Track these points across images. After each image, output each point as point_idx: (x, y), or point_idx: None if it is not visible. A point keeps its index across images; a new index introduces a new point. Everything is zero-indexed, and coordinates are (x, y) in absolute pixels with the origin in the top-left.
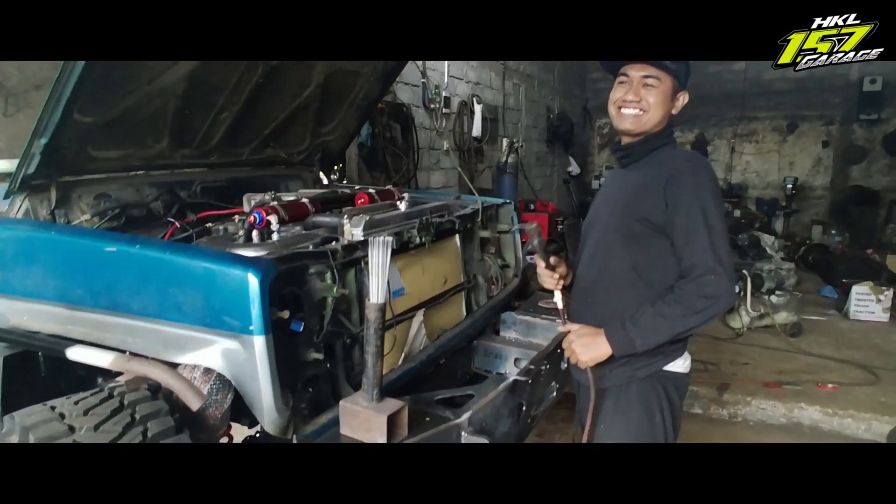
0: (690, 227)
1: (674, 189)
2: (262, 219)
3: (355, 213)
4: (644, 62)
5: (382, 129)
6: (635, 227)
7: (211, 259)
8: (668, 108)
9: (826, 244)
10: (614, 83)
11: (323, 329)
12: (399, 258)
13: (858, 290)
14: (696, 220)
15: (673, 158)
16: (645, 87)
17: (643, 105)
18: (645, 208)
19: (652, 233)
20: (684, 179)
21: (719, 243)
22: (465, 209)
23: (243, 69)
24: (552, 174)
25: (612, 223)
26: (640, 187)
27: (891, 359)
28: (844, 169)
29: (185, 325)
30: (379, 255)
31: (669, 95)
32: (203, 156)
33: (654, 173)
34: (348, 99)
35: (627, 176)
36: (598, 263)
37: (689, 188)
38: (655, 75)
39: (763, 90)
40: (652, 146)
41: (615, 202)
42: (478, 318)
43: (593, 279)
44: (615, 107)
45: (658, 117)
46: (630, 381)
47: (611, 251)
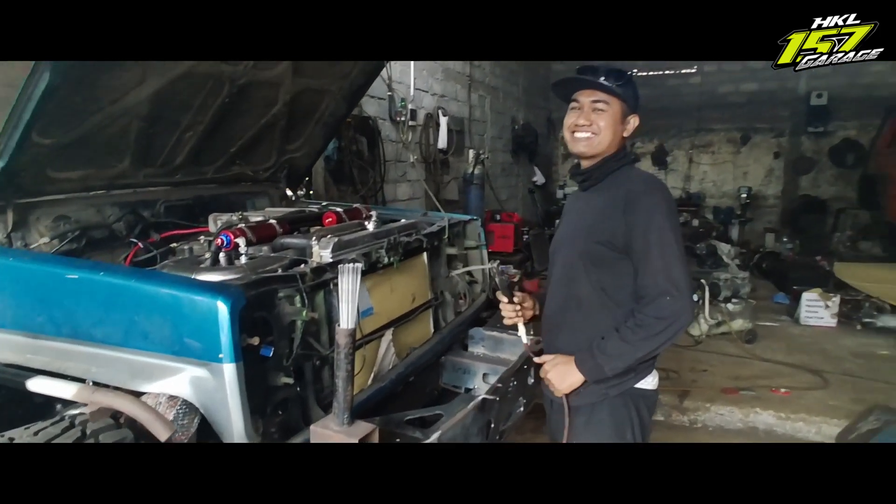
0: (646, 249)
1: (630, 211)
2: (229, 241)
3: (323, 234)
4: (592, 88)
5: (349, 142)
6: (599, 249)
7: (179, 286)
8: (618, 130)
9: (778, 252)
10: (567, 110)
11: (292, 352)
12: (368, 278)
13: (808, 297)
14: (651, 242)
15: (630, 180)
16: (595, 111)
17: (594, 128)
18: (607, 231)
19: (615, 255)
20: (640, 201)
21: (674, 264)
22: (432, 227)
23: (209, 89)
24: (517, 184)
25: (578, 247)
26: (601, 210)
27: (838, 363)
28: (794, 179)
29: (151, 353)
30: (349, 281)
31: (619, 118)
32: (167, 174)
33: (613, 195)
34: (315, 116)
35: (589, 199)
36: (566, 287)
37: (644, 210)
38: (604, 100)
39: (718, 103)
40: (610, 168)
41: (579, 226)
42: (445, 334)
43: (562, 303)
44: (569, 131)
45: (609, 139)
46: (603, 399)
47: (578, 275)
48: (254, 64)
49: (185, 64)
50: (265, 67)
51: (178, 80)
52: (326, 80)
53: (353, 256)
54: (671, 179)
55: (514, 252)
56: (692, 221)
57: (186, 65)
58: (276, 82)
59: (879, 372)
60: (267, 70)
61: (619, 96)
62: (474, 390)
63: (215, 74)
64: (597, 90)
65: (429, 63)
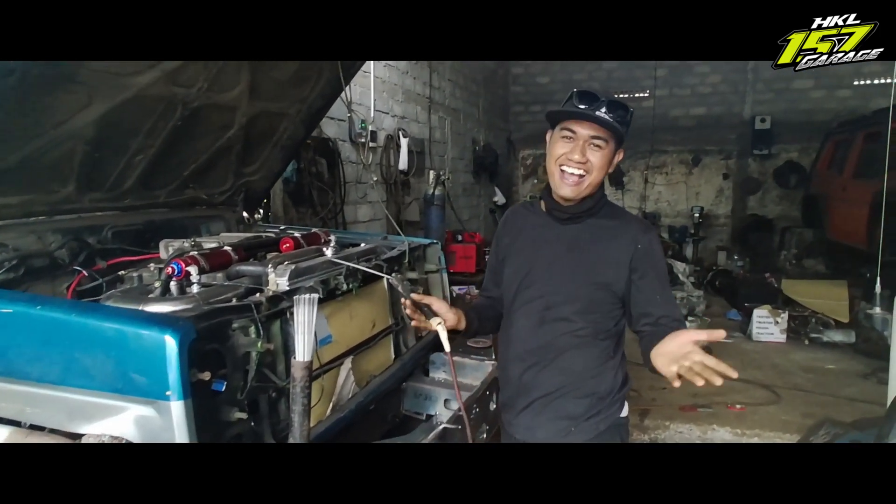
0: (660, 293)
1: (643, 262)
2: (180, 270)
3: (280, 260)
4: (595, 122)
5: (308, 164)
6: (596, 295)
7: (123, 319)
8: (608, 169)
9: (730, 269)
10: (554, 135)
11: (247, 385)
12: (326, 305)
13: (759, 313)
14: (664, 286)
15: (628, 224)
16: (591, 147)
17: (588, 167)
18: (609, 278)
19: (612, 299)
20: (653, 255)
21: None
22: (392, 251)
23: (161, 112)
24: (479, 204)
25: (566, 290)
26: (599, 250)
27: (789, 377)
28: (743, 199)
29: (92, 391)
30: (305, 312)
31: (611, 158)
32: (115, 199)
33: (610, 234)
34: (273, 139)
35: (566, 231)
36: (550, 330)
37: (657, 262)
38: (604, 137)
39: (669, 126)
40: (597, 208)
41: (563, 265)
42: (406, 360)
43: (545, 344)
44: (557, 165)
45: (598, 180)
46: (595, 435)
47: (568, 318)
48: (208, 86)
49: (134, 86)
50: (220, 90)
51: (127, 104)
52: (284, 103)
53: (311, 284)
54: (628, 199)
55: (476, 272)
56: None
57: (135, 87)
58: (231, 105)
59: (827, 386)
60: (222, 93)
61: (619, 135)
62: (436, 417)
63: (167, 97)
64: (600, 126)
65: (389, 85)
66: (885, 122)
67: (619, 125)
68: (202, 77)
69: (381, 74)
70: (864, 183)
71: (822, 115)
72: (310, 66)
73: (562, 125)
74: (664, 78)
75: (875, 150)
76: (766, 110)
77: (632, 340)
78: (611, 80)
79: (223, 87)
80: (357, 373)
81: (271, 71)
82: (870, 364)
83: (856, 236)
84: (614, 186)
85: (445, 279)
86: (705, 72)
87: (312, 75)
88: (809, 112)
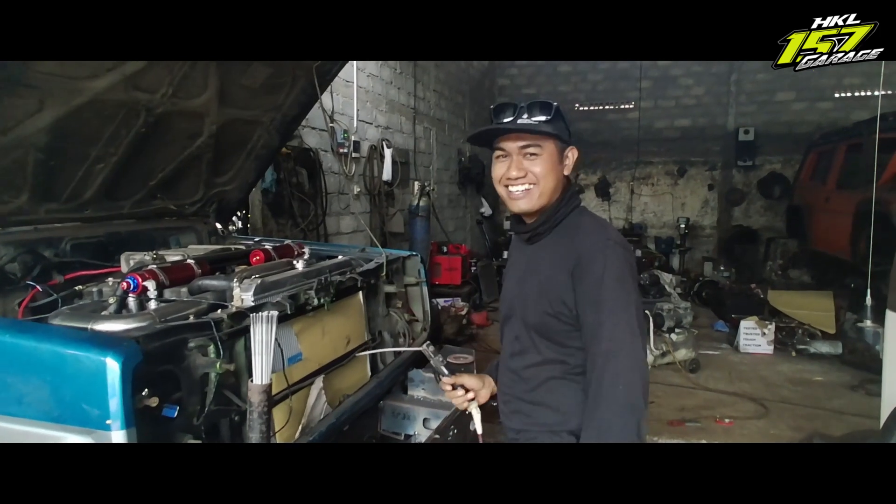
0: (590, 322)
1: (581, 278)
2: (136, 284)
3: (246, 274)
4: (518, 131)
5: (288, 174)
6: (550, 322)
7: (61, 341)
8: (558, 172)
9: (716, 280)
10: (493, 156)
11: (204, 409)
12: (297, 321)
13: (746, 325)
14: (599, 312)
15: (581, 234)
16: (527, 158)
17: (530, 178)
18: (554, 299)
19: (568, 325)
20: (590, 273)
21: (623, 349)
22: (369, 264)
23: (122, 118)
24: (465, 215)
25: (527, 317)
26: (548, 272)
27: (776, 390)
28: (728, 210)
29: (27, 420)
30: (262, 332)
31: (556, 159)
32: (74, 210)
33: (561, 254)
34: (246, 148)
35: (534, 252)
36: (518, 361)
37: (595, 281)
38: (534, 143)
39: (654, 137)
40: (557, 220)
41: (526, 288)
42: (383, 378)
43: (516, 378)
44: (501, 186)
45: (551, 186)
46: None
47: (530, 348)
48: (173, 92)
49: (90, 91)
50: (187, 96)
51: (84, 109)
52: (257, 111)
53: (279, 299)
54: (614, 210)
55: (461, 284)
56: (635, 252)
57: (92, 92)
58: (200, 112)
59: (815, 398)
60: (189, 99)
61: (550, 134)
62: (414, 437)
63: (129, 103)
64: (524, 134)
65: (373, 95)
66: (866, 133)
67: (548, 125)
68: (166, 82)
69: (364, 84)
70: (848, 193)
71: (803, 127)
72: (282, 72)
73: (494, 145)
74: (649, 89)
75: (857, 161)
76: (749, 122)
77: None
78: (595, 91)
79: (190, 93)
80: (330, 392)
81: (241, 77)
82: (857, 375)
83: (839, 247)
84: (600, 197)
85: (425, 292)
86: (689, 83)
87: (286, 82)
88: (791, 124)
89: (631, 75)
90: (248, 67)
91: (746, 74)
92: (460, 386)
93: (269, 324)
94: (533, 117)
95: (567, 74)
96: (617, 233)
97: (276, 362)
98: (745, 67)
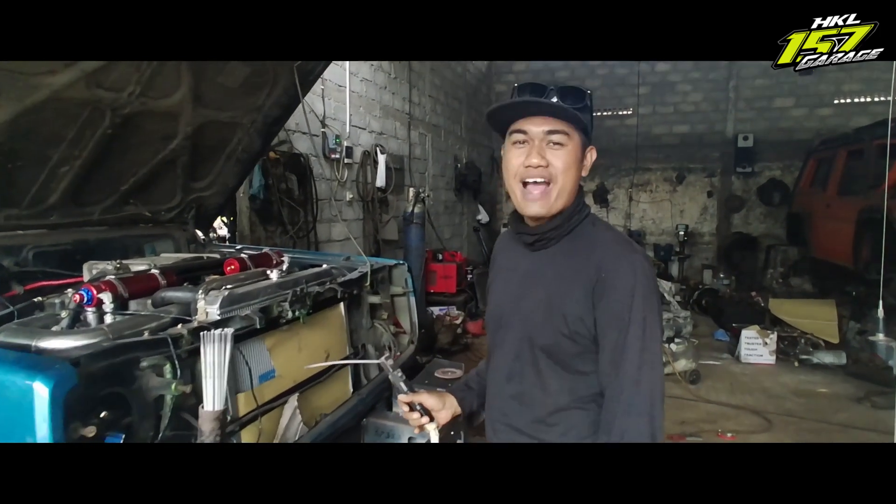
0: (613, 348)
1: (605, 295)
2: (91, 297)
3: (214, 286)
4: (547, 112)
5: (277, 180)
6: (563, 344)
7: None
8: (578, 171)
9: (716, 288)
10: (506, 145)
11: (158, 435)
12: (269, 335)
13: (747, 334)
14: (626, 338)
15: (602, 246)
16: (550, 147)
17: (550, 171)
18: (572, 318)
19: (583, 348)
20: (616, 290)
21: (652, 386)
22: (351, 273)
23: (85, 118)
24: (461, 223)
25: (534, 336)
26: (559, 287)
27: (779, 402)
28: (727, 217)
29: None
30: (215, 353)
31: (579, 155)
32: (37, 216)
33: (575, 267)
34: (225, 152)
35: (539, 262)
36: (518, 386)
37: (621, 299)
38: (563, 130)
39: (653, 143)
40: (570, 227)
41: (528, 303)
42: (366, 394)
43: (515, 406)
44: (517, 180)
45: (570, 185)
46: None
47: (538, 373)
48: (141, 91)
49: (47, 88)
50: (157, 96)
51: (41, 108)
52: (236, 113)
53: (248, 312)
54: (613, 217)
55: (457, 293)
56: None
57: (48, 89)
58: (172, 113)
59: (820, 411)
60: (160, 99)
61: (580, 124)
62: None
63: (92, 101)
64: (552, 117)
65: (366, 100)
66: (867, 139)
67: (579, 113)
68: (133, 80)
69: (357, 89)
70: (849, 200)
71: (803, 134)
72: (262, 72)
73: (511, 129)
74: (646, 96)
75: (858, 167)
76: (748, 128)
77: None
78: (594, 97)
79: (160, 92)
80: (307, 411)
81: (217, 76)
82: (862, 387)
83: (841, 254)
84: (599, 204)
85: (413, 303)
86: (687, 90)
87: (266, 82)
88: (790, 130)
89: (629, 81)
90: (224, 66)
91: (745, 80)
92: (419, 405)
93: (223, 343)
94: (565, 101)
95: (564, 80)
96: (638, 245)
97: (244, 381)
98: (743, 73)
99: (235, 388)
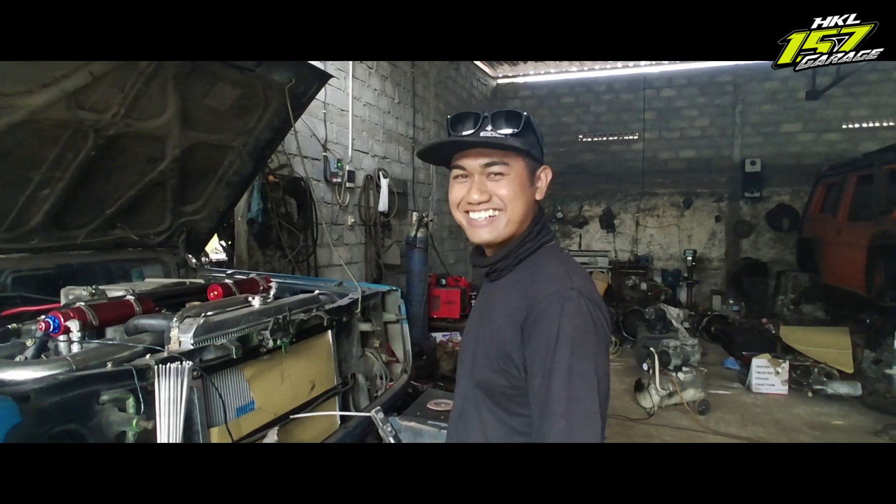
0: (539, 391)
1: (531, 336)
2: (58, 325)
3: (191, 313)
4: (481, 146)
5: (277, 204)
6: (494, 380)
7: None
8: (529, 196)
9: (725, 314)
10: (449, 179)
11: None
12: (248, 366)
13: (758, 363)
14: (550, 380)
15: (541, 280)
16: (491, 178)
17: (495, 203)
18: (502, 354)
19: (515, 388)
20: (541, 331)
21: (581, 436)
22: (342, 300)
23: (67, 140)
24: (466, 247)
25: (473, 370)
26: (500, 321)
27: (793, 435)
28: (736, 242)
29: None
30: (170, 389)
31: (527, 180)
32: (17, 240)
33: (514, 302)
34: (216, 175)
35: (494, 294)
36: (462, 424)
37: (545, 341)
38: (500, 160)
39: (659, 168)
40: (522, 255)
41: (480, 335)
42: (352, 427)
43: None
44: (461, 212)
45: (520, 212)
46: None
47: (478, 411)
48: (126, 112)
49: (24, 109)
50: (143, 117)
51: (18, 129)
52: (226, 135)
53: (224, 341)
54: (619, 242)
55: (460, 318)
56: (640, 285)
57: (26, 109)
58: (159, 135)
59: None
60: (146, 120)
61: (519, 150)
62: None
63: (73, 122)
64: (489, 150)
65: (369, 124)
66: (877, 164)
67: (516, 139)
68: (117, 101)
69: (360, 113)
70: (861, 226)
71: (811, 159)
72: (252, 94)
73: (451, 163)
74: (652, 121)
75: (869, 192)
76: (756, 153)
77: (623, 392)
78: (599, 122)
79: (146, 113)
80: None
81: (204, 97)
82: (880, 419)
83: (853, 281)
84: (605, 229)
85: (406, 331)
86: (693, 115)
87: (257, 105)
88: (798, 155)
89: (634, 107)
90: (212, 87)
91: (751, 106)
92: None
93: (180, 377)
94: (498, 130)
95: (570, 106)
96: (587, 281)
97: (218, 414)
98: (749, 98)
99: (207, 423)
